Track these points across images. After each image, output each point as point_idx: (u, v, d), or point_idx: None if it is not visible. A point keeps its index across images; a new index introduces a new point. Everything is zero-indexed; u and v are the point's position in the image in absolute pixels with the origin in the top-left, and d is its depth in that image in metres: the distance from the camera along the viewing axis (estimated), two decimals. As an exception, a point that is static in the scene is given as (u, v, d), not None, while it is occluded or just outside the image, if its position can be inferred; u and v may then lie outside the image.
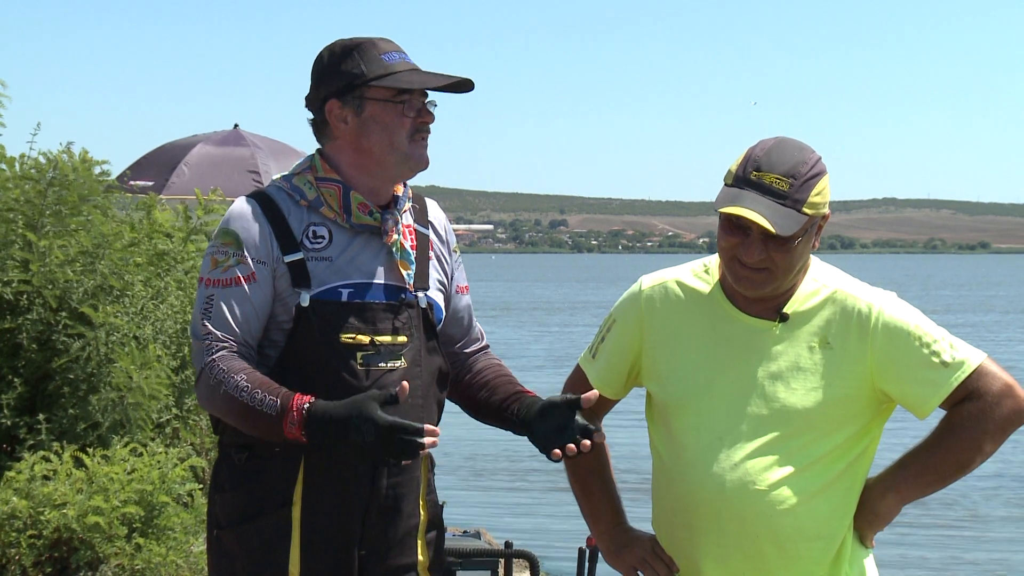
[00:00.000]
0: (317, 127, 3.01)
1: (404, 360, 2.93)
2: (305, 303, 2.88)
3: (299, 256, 2.91)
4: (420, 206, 3.12)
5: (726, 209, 2.80)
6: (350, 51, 2.95)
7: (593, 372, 3.10)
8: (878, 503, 2.92)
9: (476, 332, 3.23)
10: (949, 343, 2.86)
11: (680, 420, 2.94)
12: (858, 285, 2.95)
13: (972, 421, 2.83)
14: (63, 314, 6.93)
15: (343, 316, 2.89)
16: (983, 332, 36.57)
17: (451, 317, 3.15)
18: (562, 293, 71.29)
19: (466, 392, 3.16)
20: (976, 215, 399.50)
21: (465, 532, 5.00)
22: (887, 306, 2.89)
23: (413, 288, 2.98)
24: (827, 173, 2.87)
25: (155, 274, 7.75)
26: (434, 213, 3.15)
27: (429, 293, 3.02)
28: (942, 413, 2.89)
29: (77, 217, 7.22)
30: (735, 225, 2.83)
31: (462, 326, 3.19)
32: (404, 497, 2.95)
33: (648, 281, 3.06)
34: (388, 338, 2.92)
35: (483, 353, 3.23)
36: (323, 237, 2.94)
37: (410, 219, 3.06)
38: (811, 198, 2.80)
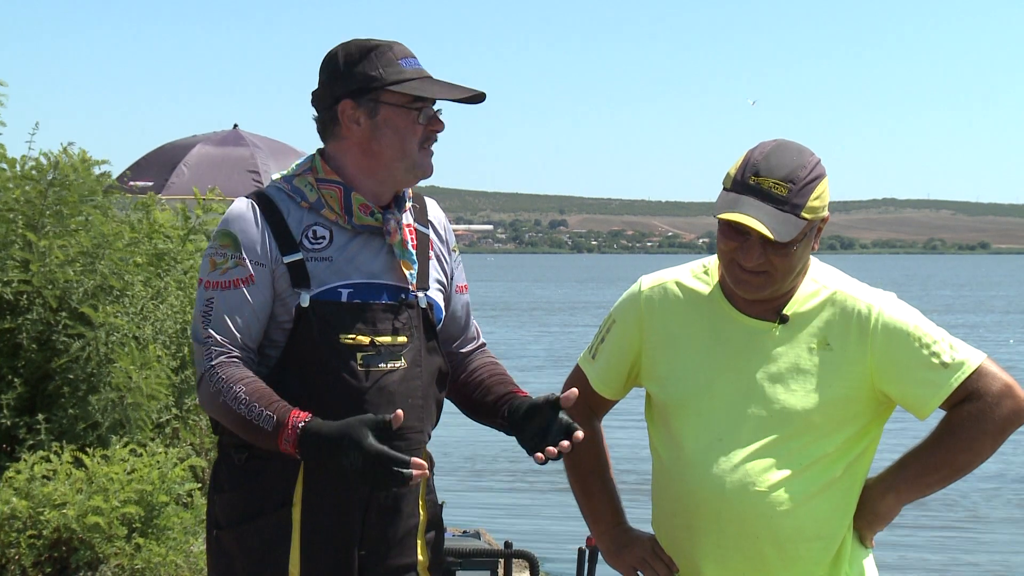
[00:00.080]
0: (324, 125, 2.99)
1: (404, 360, 2.93)
2: (305, 303, 2.87)
3: (298, 257, 2.90)
4: (420, 205, 3.12)
5: (725, 215, 2.80)
6: (367, 52, 2.93)
7: (593, 372, 3.10)
8: (878, 503, 2.92)
9: (473, 331, 3.22)
10: (949, 344, 2.86)
11: (680, 421, 2.94)
12: (858, 286, 2.95)
13: (972, 421, 2.83)
14: (63, 314, 6.93)
15: (343, 317, 2.88)
16: (983, 332, 36.57)
17: (449, 316, 3.14)
18: (562, 293, 71.26)
19: (461, 391, 3.15)
20: (976, 215, 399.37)
21: (465, 532, 5.00)
22: (887, 307, 2.89)
23: (415, 288, 2.98)
24: (826, 176, 2.86)
25: (155, 274, 7.74)
26: (434, 212, 3.15)
27: (429, 293, 3.02)
28: (942, 413, 2.89)
29: (77, 217, 7.22)
30: (734, 229, 2.83)
31: (459, 325, 3.19)
32: (404, 497, 2.95)
33: (648, 282, 3.06)
34: (388, 338, 2.91)
35: (479, 352, 3.22)
36: (324, 237, 2.93)
37: (410, 218, 3.05)
38: (810, 202, 2.80)
